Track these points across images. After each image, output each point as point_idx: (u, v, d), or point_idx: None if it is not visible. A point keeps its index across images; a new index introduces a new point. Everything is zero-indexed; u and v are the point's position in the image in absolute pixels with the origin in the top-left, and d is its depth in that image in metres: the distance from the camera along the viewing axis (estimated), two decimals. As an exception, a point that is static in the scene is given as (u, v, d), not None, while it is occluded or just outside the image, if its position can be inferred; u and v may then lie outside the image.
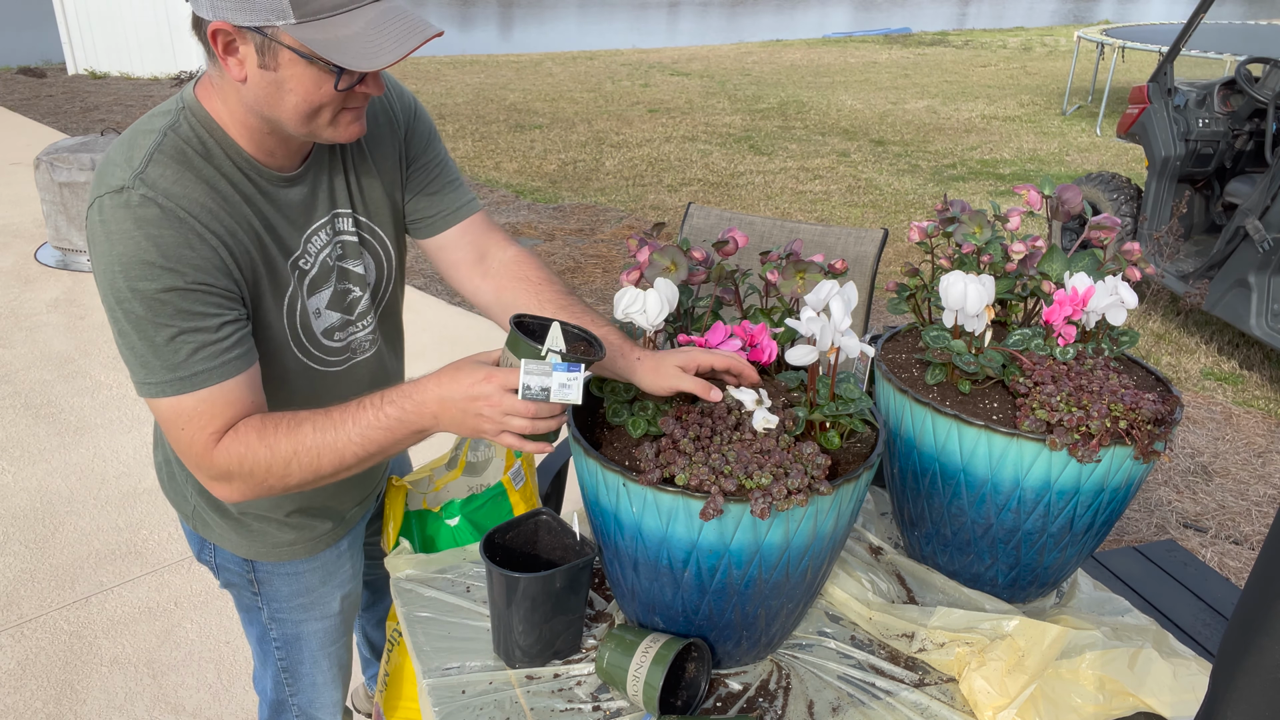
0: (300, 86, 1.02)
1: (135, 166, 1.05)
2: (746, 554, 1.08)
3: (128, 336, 1.06)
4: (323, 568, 1.46)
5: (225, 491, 1.12)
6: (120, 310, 1.05)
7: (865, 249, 2.32)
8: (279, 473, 1.09)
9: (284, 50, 1.00)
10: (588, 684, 1.19)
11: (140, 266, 1.03)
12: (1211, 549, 3.01)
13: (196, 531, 1.41)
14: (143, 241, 1.03)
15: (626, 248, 1.28)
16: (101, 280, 1.05)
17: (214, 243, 1.07)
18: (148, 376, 1.07)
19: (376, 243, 1.30)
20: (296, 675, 1.54)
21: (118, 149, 1.09)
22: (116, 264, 1.03)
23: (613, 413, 1.20)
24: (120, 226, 1.03)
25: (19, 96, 9.93)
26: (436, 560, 1.42)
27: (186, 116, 1.10)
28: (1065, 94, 11.27)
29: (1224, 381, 4.18)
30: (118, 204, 1.03)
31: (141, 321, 1.05)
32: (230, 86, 1.06)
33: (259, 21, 0.98)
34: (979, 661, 1.17)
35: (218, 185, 1.09)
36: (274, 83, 1.03)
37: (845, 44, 17.10)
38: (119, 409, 3.62)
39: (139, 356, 1.07)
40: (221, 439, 1.09)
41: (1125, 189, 4.94)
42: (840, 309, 1.12)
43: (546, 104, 10.35)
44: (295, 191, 1.18)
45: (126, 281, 1.03)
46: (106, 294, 1.06)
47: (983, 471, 1.23)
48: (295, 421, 1.09)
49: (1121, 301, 1.30)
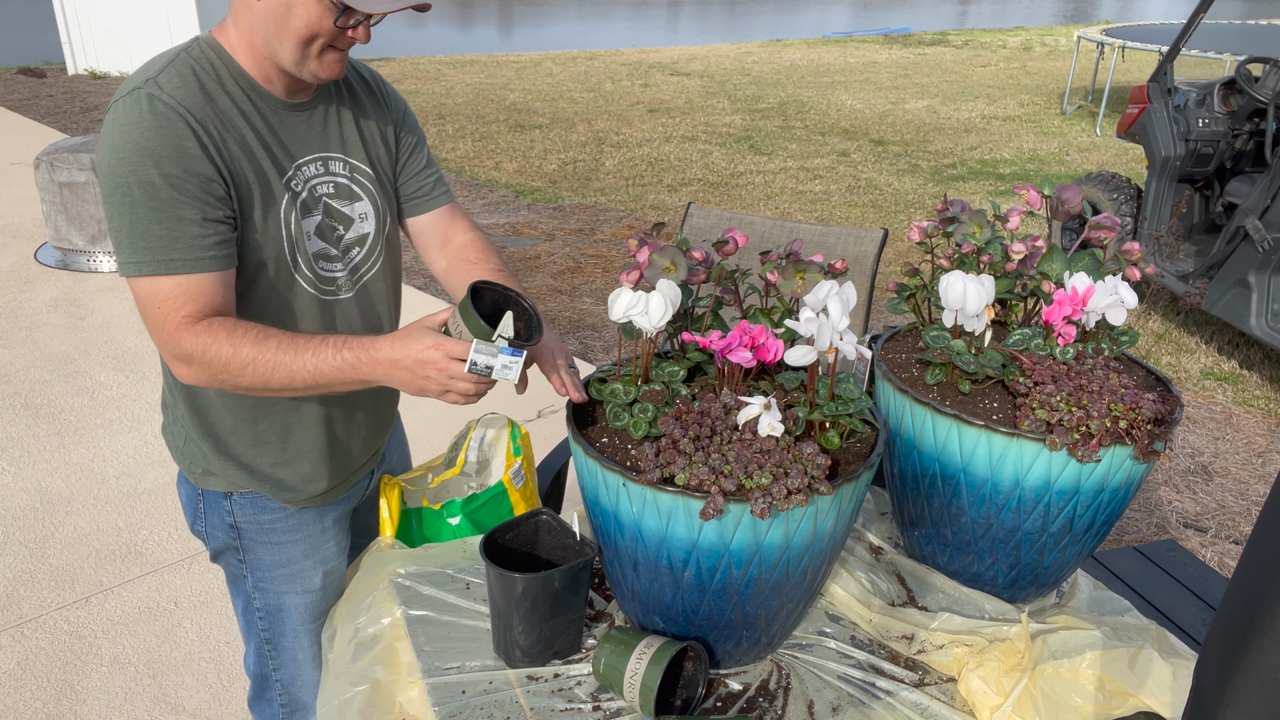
0: (305, 14, 1.18)
1: (150, 75, 1.20)
2: (746, 554, 1.08)
3: (120, 219, 1.18)
4: (305, 540, 1.52)
5: (183, 371, 1.24)
6: (118, 193, 1.17)
7: (865, 249, 2.32)
8: (234, 371, 1.21)
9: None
10: (588, 684, 1.19)
11: (141, 153, 1.16)
12: (1211, 549, 3.01)
13: (192, 481, 1.48)
14: (148, 132, 1.16)
15: (626, 248, 1.28)
16: (104, 166, 1.17)
17: (210, 148, 1.21)
18: (131, 256, 1.19)
19: (365, 195, 1.42)
20: (279, 649, 1.60)
21: (138, 70, 1.23)
22: (122, 150, 1.16)
23: (613, 416, 1.20)
24: (129, 119, 1.17)
25: (19, 96, 9.93)
26: (435, 554, 1.41)
27: (200, 44, 1.26)
28: (1065, 94, 11.27)
29: (1224, 381, 4.18)
30: (129, 102, 1.18)
31: (135, 205, 1.17)
32: (245, 9, 1.21)
33: None
34: (976, 662, 1.17)
35: (219, 100, 1.23)
36: (284, 7, 1.18)
37: (845, 44, 17.10)
38: (119, 409, 3.62)
39: (126, 237, 1.18)
40: (194, 325, 1.20)
41: (1125, 189, 4.94)
42: (838, 309, 1.12)
43: (546, 104, 10.35)
44: (294, 119, 1.32)
45: (128, 166, 1.16)
46: (106, 178, 1.18)
47: (983, 471, 1.23)
48: (263, 335, 1.21)
49: (1121, 301, 1.30)
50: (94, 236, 5.03)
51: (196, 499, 1.50)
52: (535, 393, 3.88)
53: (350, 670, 1.25)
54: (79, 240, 5.04)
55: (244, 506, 1.47)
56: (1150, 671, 1.14)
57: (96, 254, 5.08)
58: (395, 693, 1.21)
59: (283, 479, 1.46)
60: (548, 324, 1.32)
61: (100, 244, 5.05)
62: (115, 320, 4.46)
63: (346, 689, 1.22)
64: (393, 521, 1.53)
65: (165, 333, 1.21)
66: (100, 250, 5.07)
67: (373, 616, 1.31)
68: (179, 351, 1.21)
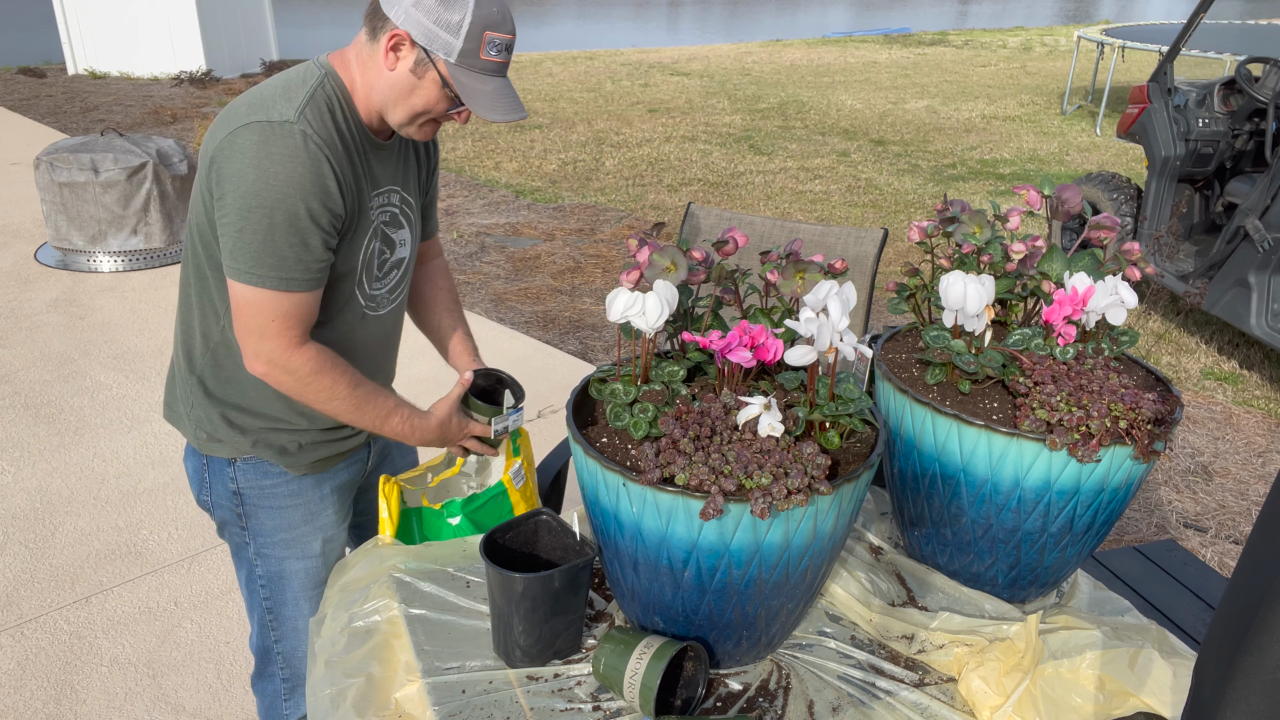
0: (426, 96, 1.36)
1: (296, 106, 1.31)
2: (746, 554, 1.08)
3: (253, 235, 1.30)
4: (304, 506, 1.60)
5: (281, 379, 1.39)
6: (258, 214, 1.29)
7: (865, 249, 2.32)
8: (322, 399, 1.42)
9: (433, 71, 1.34)
10: (588, 684, 1.19)
11: (292, 187, 1.29)
12: (1211, 549, 3.01)
13: (198, 448, 1.56)
14: (300, 168, 1.29)
15: (626, 248, 1.28)
16: (249, 186, 1.28)
17: (342, 186, 1.36)
18: (256, 269, 1.31)
19: (408, 223, 1.57)
20: (280, 618, 1.67)
21: (273, 91, 1.34)
22: (274, 179, 1.28)
23: (614, 416, 1.20)
24: (282, 151, 1.29)
25: (19, 96, 9.93)
26: (435, 553, 1.41)
27: (328, 79, 1.37)
28: (1065, 94, 11.27)
29: (1224, 381, 4.18)
30: (281, 133, 1.29)
31: (274, 228, 1.30)
32: (375, 69, 1.36)
33: (430, 47, 1.32)
34: (977, 662, 1.17)
35: (343, 138, 1.37)
36: (410, 84, 1.35)
37: (845, 44, 17.09)
38: (119, 409, 3.62)
39: (255, 252, 1.31)
40: (304, 346, 1.38)
41: (1125, 189, 4.94)
42: (838, 309, 1.12)
43: (546, 104, 10.35)
44: (379, 155, 1.46)
45: (278, 195, 1.28)
46: (249, 198, 1.28)
47: (983, 471, 1.23)
48: (356, 381, 1.44)
49: (1121, 301, 1.30)
50: (94, 236, 5.03)
51: (202, 468, 1.58)
52: (536, 392, 3.88)
53: (344, 660, 1.25)
54: (79, 240, 5.04)
55: (247, 472, 1.55)
56: (1151, 671, 1.13)
57: (96, 254, 5.08)
58: (391, 690, 1.21)
59: (284, 445, 1.54)
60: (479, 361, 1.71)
61: (100, 244, 5.05)
62: (115, 320, 4.46)
63: (340, 679, 1.22)
64: (392, 521, 1.53)
65: (271, 342, 1.36)
66: (100, 250, 5.07)
67: (369, 609, 1.31)
68: (287, 365, 1.37)
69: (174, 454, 3.33)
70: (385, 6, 1.33)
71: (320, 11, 22.90)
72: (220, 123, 1.35)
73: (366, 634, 1.28)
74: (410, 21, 1.31)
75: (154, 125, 8.81)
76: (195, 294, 1.47)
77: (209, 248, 1.40)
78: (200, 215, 1.39)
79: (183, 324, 1.51)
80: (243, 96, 1.36)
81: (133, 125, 8.76)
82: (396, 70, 1.35)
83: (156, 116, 9.14)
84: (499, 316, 4.74)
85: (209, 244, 1.40)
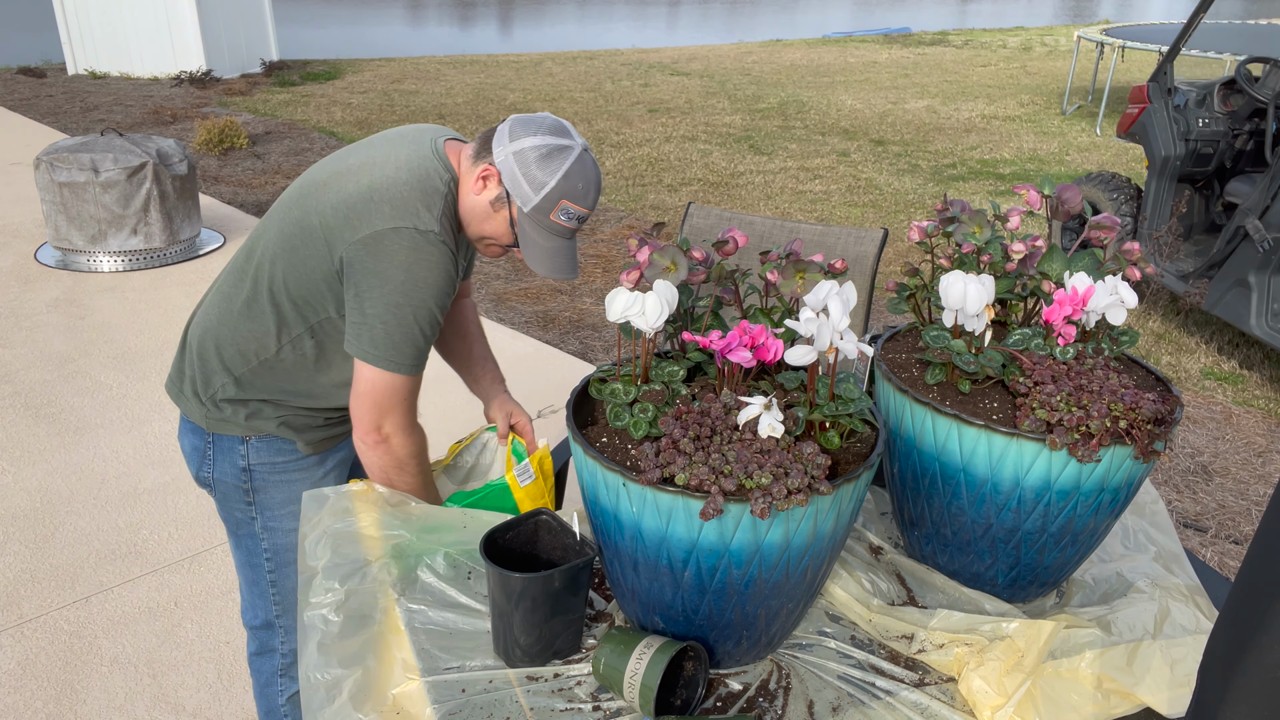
0: (496, 229, 1.52)
1: (436, 216, 1.45)
2: (746, 554, 1.08)
3: (397, 329, 1.44)
4: (310, 478, 1.67)
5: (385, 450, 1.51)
6: (405, 309, 1.43)
7: (865, 249, 2.32)
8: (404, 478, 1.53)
9: (506, 211, 1.49)
10: (588, 684, 1.19)
11: (434, 290, 1.45)
12: (1211, 549, 3.01)
13: (204, 427, 1.61)
14: (441, 277, 1.45)
15: (626, 248, 1.29)
16: (398, 284, 1.42)
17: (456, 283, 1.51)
18: (395, 356, 1.45)
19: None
20: (284, 590, 1.73)
21: (409, 192, 1.45)
22: (422, 285, 1.43)
23: (614, 416, 1.20)
24: (431, 260, 1.44)
25: (19, 96, 9.93)
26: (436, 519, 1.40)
27: (452, 186, 1.51)
28: (1065, 94, 11.28)
29: (1224, 381, 4.18)
30: (430, 242, 1.43)
31: (414, 324, 1.44)
32: (468, 186, 1.51)
33: (513, 191, 1.47)
34: (977, 662, 1.17)
35: (457, 239, 1.52)
36: (487, 213, 1.50)
37: (845, 44, 17.10)
38: (119, 409, 3.63)
39: (395, 343, 1.44)
40: (415, 428, 1.52)
41: (1125, 189, 4.94)
42: (838, 309, 1.12)
43: (546, 104, 10.35)
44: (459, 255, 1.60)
45: (421, 296, 1.43)
46: (397, 294, 1.42)
47: (983, 471, 1.23)
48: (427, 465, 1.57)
49: (1121, 301, 1.30)
50: (94, 236, 5.03)
51: (205, 446, 1.62)
52: (536, 392, 3.88)
53: (338, 646, 1.23)
54: (79, 240, 5.04)
55: (260, 450, 1.61)
56: (1149, 669, 1.14)
57: (96, 254, 5.08)
58: (388, 686, 1.20)
59: (301, 426, 1.62)
60: (506, 390, 1.86)
61: (100, 244, 5.05)
62: (115, 320, 4.46)
63: (334, 668, 1.20)
64: None
65: (394, 420, 1.48)
66: (100, 250, 5.07)
67: (366, 589, 1.30)
68: (403, 443, 1.50)
69: (174, 454, 3.33)
70: (495, 141, 1.47)
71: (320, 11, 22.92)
72: (360, 209, 1.44)
73: (362, 620, 1.27)
74: (506, 164, 1.46)
75: (154, 125, 8.81)
76: (255, 315, 1.55)
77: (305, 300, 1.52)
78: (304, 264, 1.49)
79: (223, 330, 1.57)
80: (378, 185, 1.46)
81: (133, 125, 8.76)
82: (481, 197, 1.49)
83: (156, 116, 9.14)
84: (499, 316, 4.74)
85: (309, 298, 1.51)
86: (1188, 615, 1.29)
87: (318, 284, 1.49)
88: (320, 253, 1.47)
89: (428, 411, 3.66)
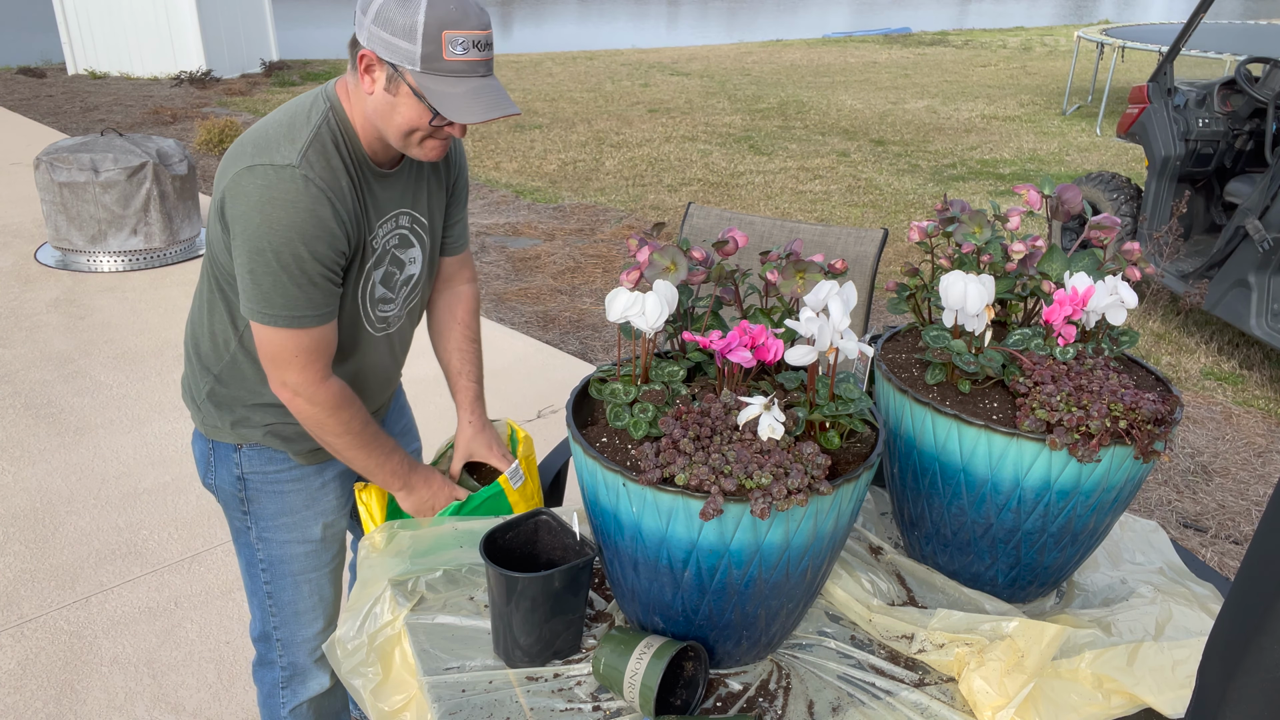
0: (408, 112, 1.33)
1: (298, 149, 1.33)
2: (746, 554, 1.08)
3: (262, 277, 1.33)
4: (305, 491, 1.63)
5: (301, 406, 1.43)
6: (264, 256, 1.32)
7: (865, 249, 2.32)
8: (335, 433, 1.46)
9: (404, 85, 1.31)
10: (588, 684, 1.19)
11: (294, 230, 1.31)
12: (1211, 549, 3.01)
13: (205, 434, 1.60)
14: (303, 214, 1.31)
15: (626, 248, 1.29)
16: (253, 230, 1.31)
17: (344, 223, 1.37)
18: (268, 309, 1.35)
19: (419, 244, 1.58)
20: (280, 602, 1.70)
21: (276, 129, 1.35)
22: (276, 224, 1.31)
23: (614, 416, 1.20)
24: (285, 196, 1.31)
25: (19, 96, 9.93)
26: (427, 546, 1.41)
27: (331, 115, 1.38)
28: (1065, 94, 11.27)
29: (1224, 381, 4.18)
30: (284, 177, 1.31)
31: (281, 268, 1.32)
32: (360, 95, 1.37)
33: (394, 60, 1.29)
34: (978, 662, 1.17)
35: (343, 175, 1.38)
36: (390, 103, 1.33)
37: (845, 44, 17.10)
38: (119, 409, 3.63)
39: (265, 293, 1.34)
40: (328, 380, 1.43)
41: (1125, 189, 4.94)
42: (839, 309, 1.12)
43: (546, 104, 10.35)
44: (385, 186, 1.47)
45: (281, 239, 1.31)
46: (255, 240, 1.31)
47: (983, 471, 1.23)
48: (367, 421, 1.49)
49: (1121, 301, 1.30)
50: (94, 236, 5.03)
51: (209, 452, 1.61)
52: (536, 392, 3.88)
53: (355, 653, 1.25)
54: (79, 240, 5.04)
55: (252, 459, 1.58)
56: (1149, 669, 1.14)
57: (96, 254, 5.08)
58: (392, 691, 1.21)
59: (291, 435, 1.58)
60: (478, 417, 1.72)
61: (99, 244, 5.05)
62: (115, 320, 4.46)
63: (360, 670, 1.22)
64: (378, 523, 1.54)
65: (296, 375, 1.40)
66: (100, 250, 5.07)
67: (375, 617, 1.31)
68: (313, 397, 1.42)
69: (174, 454, 3.33)
70: (357, 28, 1.33)
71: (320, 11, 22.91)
72: (230, 159, 1.36)
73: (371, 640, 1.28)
74: (373, 39, 1.29)
75: (154, 125, 8.81)
76: (211, 304, 1.51)
77: (225, 269, 1.44)
78: (215, 240, 1.42)
79: (198, 326, 1.55)
80: (251, 131, 1.38)
81: (133, 125, 8.76)
82: (375, 92, 1.34)
83: (156, 116, 9.14)
84: (499, 316, 4.74)
85: (224, 265, 1.43)
86: (1193, 618, 1.29)
87: (229, 256, 1.40)
88: (215, 217, 1.39)
89: (427, 411, 3.66)
